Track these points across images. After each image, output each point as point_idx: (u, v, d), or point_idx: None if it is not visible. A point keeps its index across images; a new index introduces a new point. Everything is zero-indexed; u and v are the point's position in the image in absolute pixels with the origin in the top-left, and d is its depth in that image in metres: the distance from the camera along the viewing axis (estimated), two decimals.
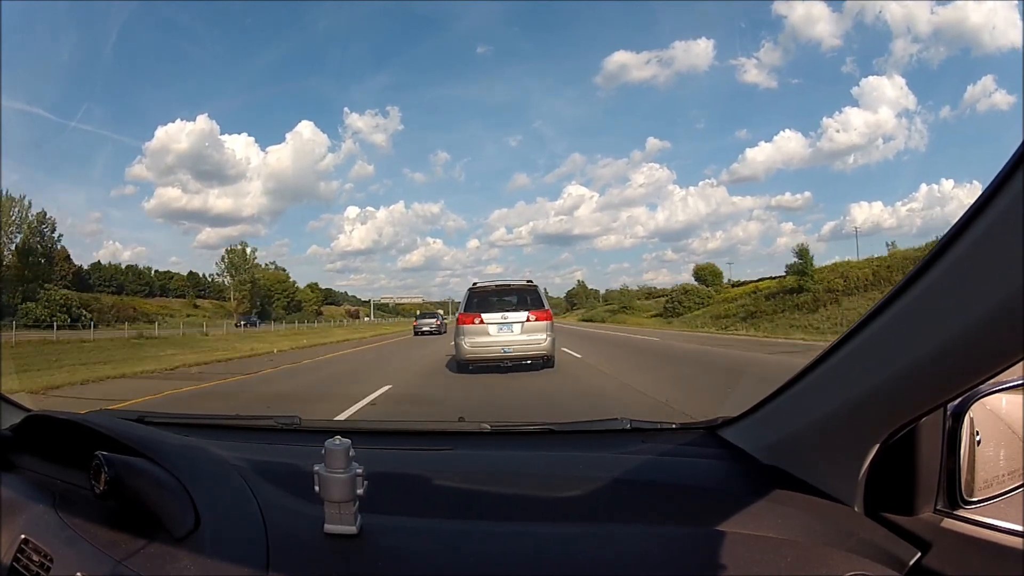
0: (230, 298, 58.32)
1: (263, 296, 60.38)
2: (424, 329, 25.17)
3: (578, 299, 79.30)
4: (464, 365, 8.33)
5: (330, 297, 76.58)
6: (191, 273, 65.58)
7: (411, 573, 0.76)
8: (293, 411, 1.48)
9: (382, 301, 78.72)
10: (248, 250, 59.17)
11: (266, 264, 64.48)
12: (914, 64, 55.68)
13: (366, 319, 68.77)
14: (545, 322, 8.27)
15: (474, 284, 8.89)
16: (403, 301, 76.40)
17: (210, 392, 8.02)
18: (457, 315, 8.82)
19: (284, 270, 67.13)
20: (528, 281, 8.84)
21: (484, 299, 8.55)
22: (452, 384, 7.73)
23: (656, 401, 5.63)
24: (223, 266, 59.21)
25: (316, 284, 75.27)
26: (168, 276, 64.33)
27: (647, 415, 1.48)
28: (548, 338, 8.20)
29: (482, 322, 8.28)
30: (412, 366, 10.79)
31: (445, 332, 22.59)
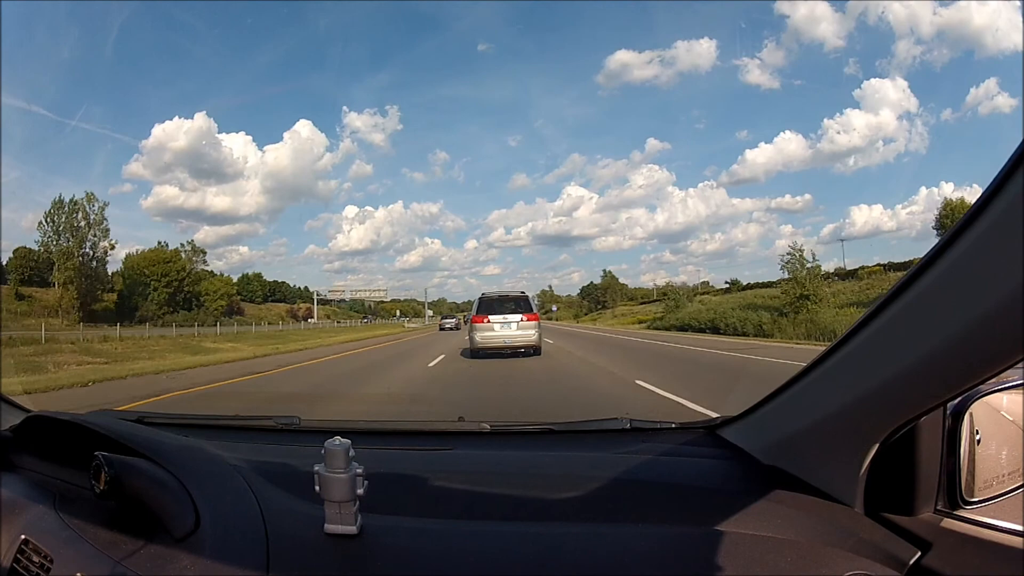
0: (56, 283, 35.05)
1: (133, 283, 38.62)
2: (447, 326, 32.99)
3: (609, 295, 63.97)
4: (476, 352, 11.09)
5: (279, 291, 62.08)
6: (23, 249, 38.22)
7: (411, 573, 0.76)
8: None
9: (334, 294, 61.57)
10: (97, 206, 35.46)
11: (185, 246, 42.96)
12: (917, 66, 55.29)
13: (310, 321, 49.69)
14: (534, 322, 11.35)
15: (483, 294, 12.24)
16: (359, 294, 60.96)
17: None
18: (471, 316, 11.99)
19: (203, 252, 44.72)
20: (521, 292, 12.19)
21: (490, 305, 11.52)
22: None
23: None
24: (43, 232, 34.86)
25: (259, 274, 60.06)
26: None
27: None
28: (536, 333, 11.24)
29: (489, 322, 11.14)
30: None
31: (461, 329, 26.94)
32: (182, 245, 47.65)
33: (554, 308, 62.87)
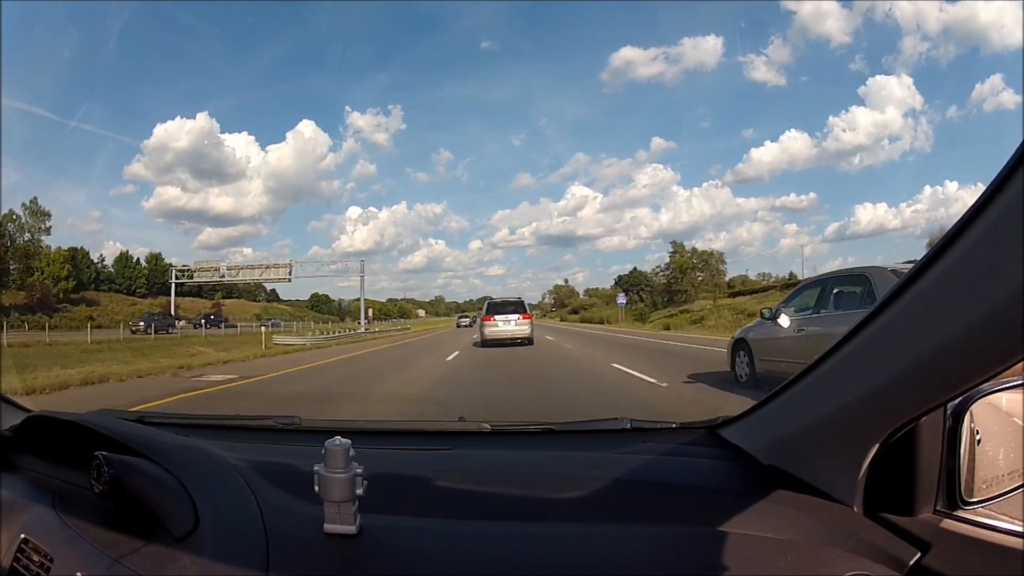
0: None
1: None
2: (463, 323, 37.88)
3: (683, 283, 39.06)
4: (485, 342, 15.20)
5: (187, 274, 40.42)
6: None
7: (411, 573, 0.76)
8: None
9: (204, 274, 38.42)
10: None
11: (26, 205, 30.53)
12: (923, 63, 55.37)
13: (174, 329, 30.82)
14: (528, 320, 15.66)
15: (489, 300, 16.92)
16: (242, 274, 37.73)
17: None
18: (481, 316, 16.67)
19: (46, 215, 31.22)
20: (519, 298, 16.23)
21: (495, 307, 15.87)
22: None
23: None
24: None
25: (157, 255, 41.90)
26: None
27: None
28: (529, 329, 15.46)
29: (494, 320, 15.46)
30: None
31: (474, 326, 31.01)
32: (24, 205, 33.23)
33: (621, 300, 40.34)
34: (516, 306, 15.81)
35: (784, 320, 5.86)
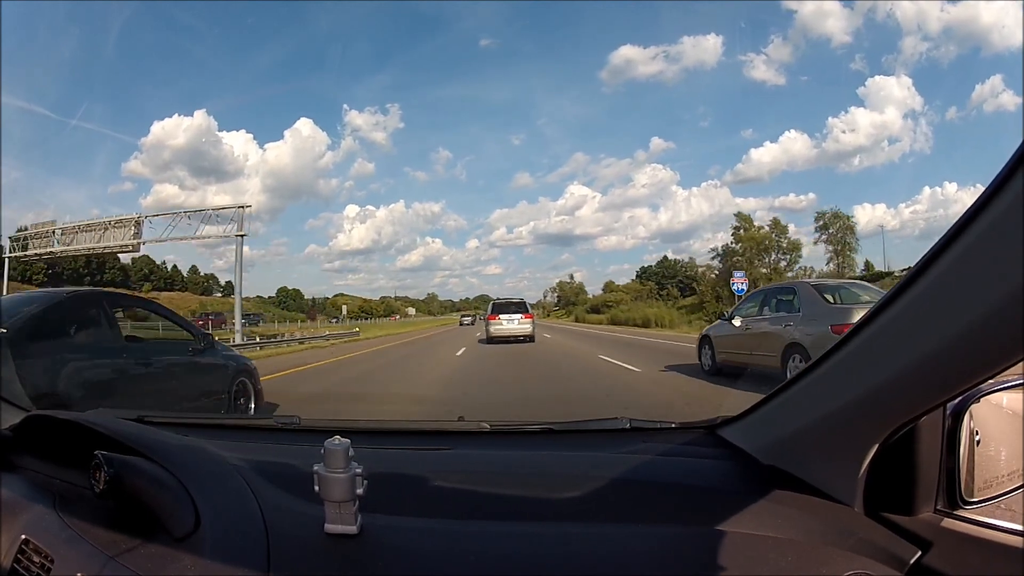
0: None
1: None
2: (465, 322, 41.91)
3: (757, 269, 29.32)
4: (490, 339, 16.69)
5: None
6: None
7: (411, 573, 0.76)
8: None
9: (40, 240, 26.78)
10: None
11: None
12: (923, 63, 55.19)
13: None
14: (530, 319, 17.17)
15: (496, 299, 18.64)
16: (78, 240, 25.84)
17: None
18: (487, 315, 18.26)
19: None
20: (521, 299, 17.98)
21: (499, 307, 17.47)
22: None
23: None
24: None
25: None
26: None
27: None
28: (531, 327, 16.96)
29: (499, 319, 16.99)
30: None
31: (475, 323, 34.12)
32: None
33: (739, 285, 23.65)
34: (519, 306, 17.46)
35: (737, 320, 7.41)
